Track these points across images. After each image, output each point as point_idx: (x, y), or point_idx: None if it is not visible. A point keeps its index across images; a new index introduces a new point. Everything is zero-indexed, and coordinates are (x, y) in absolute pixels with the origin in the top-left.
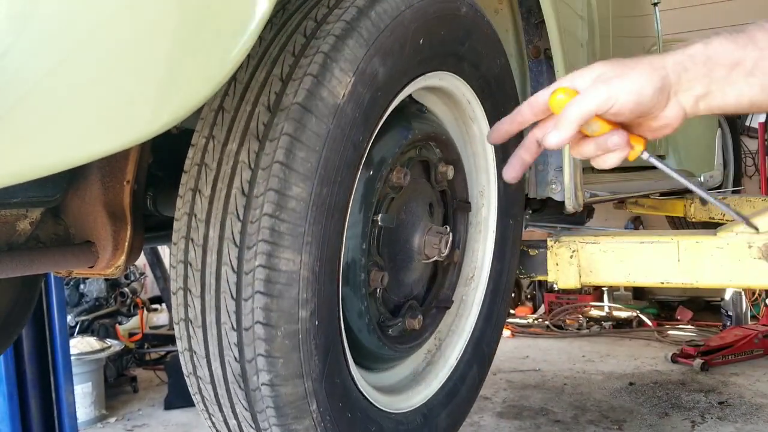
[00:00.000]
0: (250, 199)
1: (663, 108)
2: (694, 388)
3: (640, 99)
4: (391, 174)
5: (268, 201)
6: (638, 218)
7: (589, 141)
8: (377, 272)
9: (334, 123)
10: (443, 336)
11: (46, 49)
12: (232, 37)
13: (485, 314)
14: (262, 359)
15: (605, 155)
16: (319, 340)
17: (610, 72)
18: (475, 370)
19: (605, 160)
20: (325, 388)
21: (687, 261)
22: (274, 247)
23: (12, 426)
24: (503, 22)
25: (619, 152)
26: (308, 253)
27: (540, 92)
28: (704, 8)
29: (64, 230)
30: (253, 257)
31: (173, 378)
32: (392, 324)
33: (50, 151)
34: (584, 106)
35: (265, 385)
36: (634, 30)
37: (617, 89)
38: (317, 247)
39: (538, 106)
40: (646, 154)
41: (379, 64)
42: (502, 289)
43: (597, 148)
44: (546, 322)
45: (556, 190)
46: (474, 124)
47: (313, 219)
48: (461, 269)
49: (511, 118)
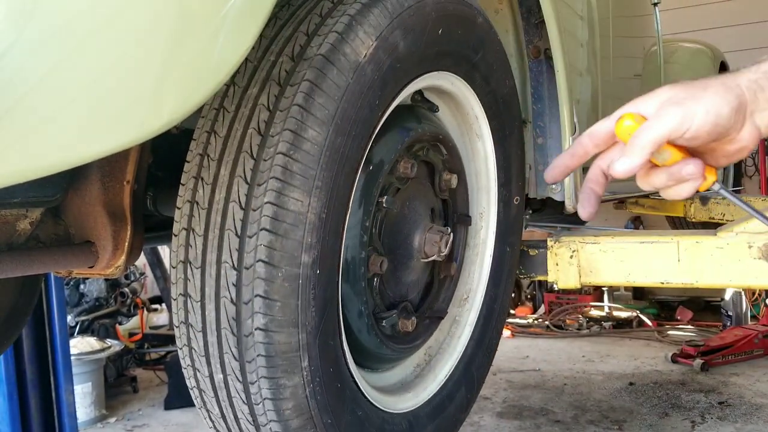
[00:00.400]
0: (265, 138)
1: (739, 130)
2: (694, 388)
3: (718, 120)
4: (398, 163)
5: (284, 140)
6: (638, 218)
7: (659, 171)
8: (377, 257)
9: (354, 79)
10: (433, 352)
11: (46, 48)
12: (231, 38)
13: (477, 337)
14: (260, 301)
15: (677, 186)
16: (318, 291)
17: (681, 94)
18: (464, 392)
19: (678, 192)
20: (318, 345)
21: (687, 261)
22: (284, 186)
23: (12, 426)
24: (503, 22)
25: (693, 182)
26: (317, 197)
27: (600, 122)
28: (704, 8)
29: (64, 230)
30: (262, 194)
31: (173, 378)
32: (386, 316)
33: (50, 151)
34: (657, 130)
35: (260, 329)
36: (634, 30)
37: (692, 111)
38: (326, 193)
39: (600, 136)
40: (717, 185)
41: (400, 38)
42: (495, 315)
43: (669, 178)
44: (546, 322)
45: (556, 190)
46: (479, 141)
47: (326, 165)
48: (457, 286)
49: (571, 152)
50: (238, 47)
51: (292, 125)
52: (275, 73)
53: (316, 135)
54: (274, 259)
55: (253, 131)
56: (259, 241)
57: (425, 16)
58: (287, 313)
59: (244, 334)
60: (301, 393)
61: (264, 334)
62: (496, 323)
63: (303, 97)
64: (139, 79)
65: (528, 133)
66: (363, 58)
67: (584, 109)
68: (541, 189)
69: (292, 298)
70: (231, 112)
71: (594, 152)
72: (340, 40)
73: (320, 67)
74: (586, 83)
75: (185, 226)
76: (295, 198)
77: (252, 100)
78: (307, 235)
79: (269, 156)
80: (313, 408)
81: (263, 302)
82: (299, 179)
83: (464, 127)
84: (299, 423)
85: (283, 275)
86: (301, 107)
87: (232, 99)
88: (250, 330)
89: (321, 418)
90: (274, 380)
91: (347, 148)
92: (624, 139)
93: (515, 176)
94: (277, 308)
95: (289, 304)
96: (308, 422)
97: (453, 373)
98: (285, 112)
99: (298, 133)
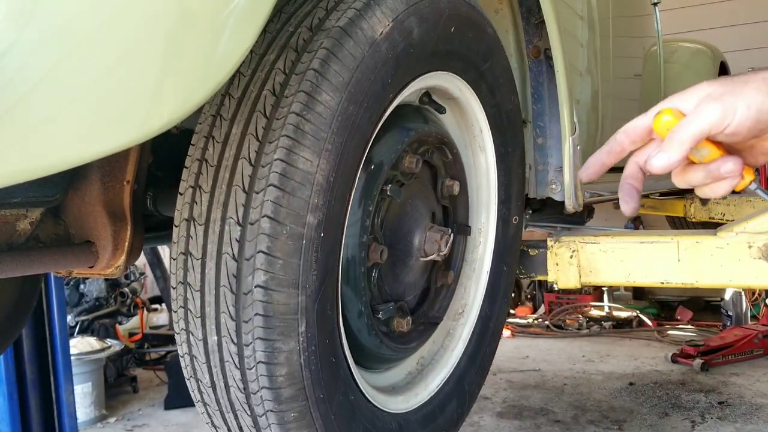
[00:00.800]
0: (279, 99)
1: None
2: (694, 388)
3: (759, 115)
4: (404, 158)
5: (297, 101)
6: (638, 218)
7: (696, 168)
8: (377, 245)
9: (369, 52)
10: (426, 362)
11: (46, 49)
12: (231, 38)
13: (470, 353)
14: (262, 257)
15: (714, 184)
16: (321, 256)
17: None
18: (455, 405)
19: (714, 190)
20: (317, 311)
21: (687, 261)
22: (295, 144)
23: (12, 426)
24: (503, 22)
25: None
26: (326, 160)
27: (637, 118)
28: (704, 8)
29: (64, 230)
30: (273, 151)
31: (173, 378)
32: (383, 308)
33: (50, 151)
34: (697, 125)
35: (259, 287)
36: (634, 30)
37: (732, 106)
38: (335, 157)
39: (636, 133)
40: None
41: (415, 24)
42: (489, 334)
43: (706, 176)
44: (546, 322)
45: (556, 190)
46: (482, 154)
47: (337, 129)
48: (453, 297)
49: (607, 150)
50: (238, 47)
51: (306, 87)
52: (293, 42)
53: (330, 99)
54: (279, 216)
55: (267, 92)
56: (266, 196)
57: (439, 11)
58: (288, 273)
59: (243, 291)
60: (296, 359)
61: (263, 292)
62: (490, 342)
63: (319, 62)
64: (139, 79)
65: (528, 133)
66: (379, 35)
67: (584, 109)
68: (541, 189)
69: (294, 257)
70: (247, 75)
71: (630, 149)
72: (359, 15)
73: (338, 37)
74: (586, 83)
75: (192, 184)
76: (305, 157)
77: (269, 65)
78: (314, 195)
79: (282, 115)
80: (307, 378)
81: (265, 258)
82: (310, 139)
83: (468, 138)
84: (291, 393)
85: (287, 232)
86: (317, 72)
87: (249, 64)
88: (249, 287)
89: (314, 391)
90: (270, 342)
91: (358, 118)
92: (662, 135)
93: (515, 195)
94: (279, 266)
95: (291, 264)
96: (300, 393)
97: (444, 385)
98: (300, 75)
99: (312, 95)
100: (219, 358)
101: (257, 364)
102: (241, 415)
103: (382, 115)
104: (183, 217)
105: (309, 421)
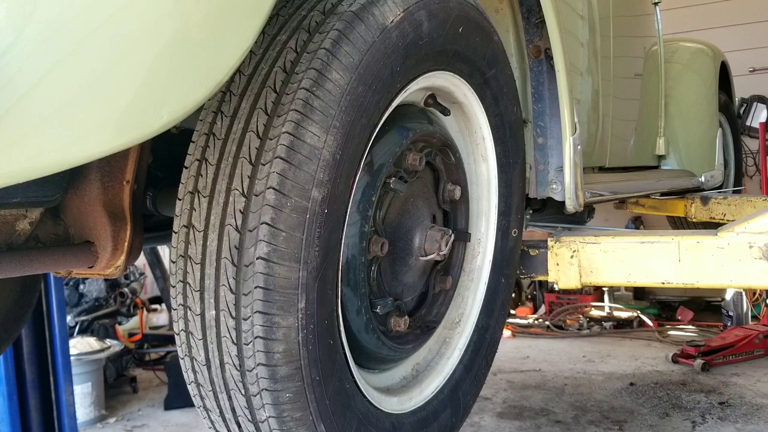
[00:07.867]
0: (290, 76)
1: None
2: (695, 389)
3: None
4: (407, 154)
5: (308, 77)
6: (639, 218)
7: None
8: (378, 238)
9: (380, 38)
10: (421, 368)
11: (45, 49)
12: (231, 38)
13: (466, 363)
14: (265, 228)
15: None
16: (324, 233)
17: None
18: (449, 414)
19: None
20: (317, 288)
21: (688, 261)
22: (303, 118)
23: (12, 426)
24: (503, 21)
25: None
26: (333, 136)
27: None
28: (704, 8)
29: (63, 230)
30: (281, 124)
31: (173, 378)
32: (381, 303)
33: (50, 151)
34: None
35: (261, 259)
36: (635, 30)
37: None
38: (343, 135)
39: None
40: None
41: (425, 18)
42: (485, 345)
43: None
44: (546, 322)
45: (557, 190)
46: (484, 164)
47: (345, 107)
48: (450, 304)
49: None
50: (237, 47)
51: (317, 65)
52: (305, 24)
53: (339, 78)
54: (285, 188)
55: (278, 69)
56: (272, 168)
57: (449, 9)
58: (291, 246)
59: (244, 263)
60: (294, 336)
61: (265, 264)
62: (486, 353)
63: (331, 42)
64: (138, 80)
65: (528, 133)
66: (390, 22)
67: (585, 108)
68: (541, 189)
69: (297, 231)
70: (258, 54)
71: None
72: (371, 2)
73: (349, 20)
74: (587, 83)
75: (198, 158)
76: (313, 132)
77: (280, 45)
78: (320, 170)
79: (292, 90)
80: (304, 357)
81: (269, 230)
82: (319, 115)
83: (471, 146)
84: (287, 372)
85: (291, 205)
86: (328, 51)
87: (260, 44)
88: (251, 259)
89: (310, 372)
90: (269, 317)
91: (366, 100)
92: None
93: (515, 208)
94: (282, 239)
95: (294, 237)
96: (296, 373)
97: (439, 393)
98: (312, 54)
99: (323, 72)
100: (216, 334)
101: (254, 339)
102: (234, 395)
103: (389, 103)
104: (187, 190)
105: (303, 403)
